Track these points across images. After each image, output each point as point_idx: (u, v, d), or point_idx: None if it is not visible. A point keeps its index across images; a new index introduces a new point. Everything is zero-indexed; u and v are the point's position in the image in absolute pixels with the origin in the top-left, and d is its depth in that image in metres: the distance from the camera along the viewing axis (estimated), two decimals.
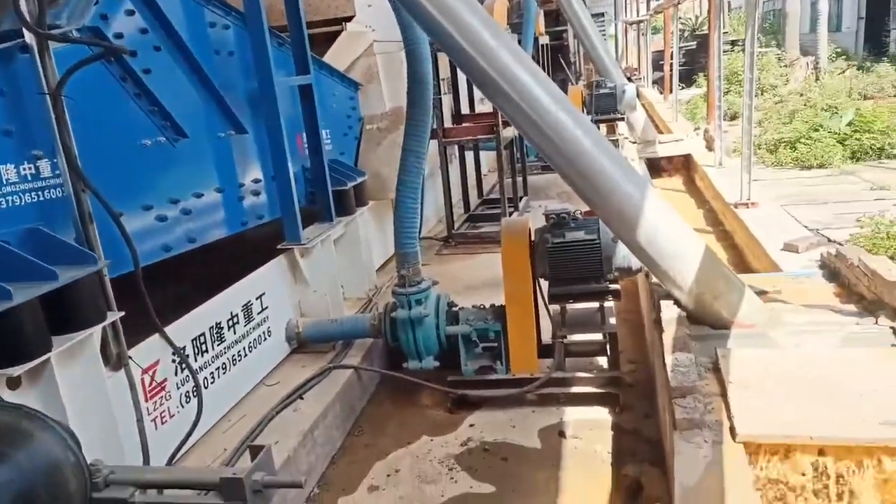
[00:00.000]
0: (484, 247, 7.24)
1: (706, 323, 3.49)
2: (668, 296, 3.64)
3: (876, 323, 3.18)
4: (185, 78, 3.77)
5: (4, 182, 2.59)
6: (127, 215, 3.10)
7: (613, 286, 3.99)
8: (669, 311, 3.55)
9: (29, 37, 2.60)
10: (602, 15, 28.35)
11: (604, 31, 26.43)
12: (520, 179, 8.79)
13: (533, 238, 4.09)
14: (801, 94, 14.36)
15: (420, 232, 5.49)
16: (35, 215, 2.73)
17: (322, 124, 5.02)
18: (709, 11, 12.12)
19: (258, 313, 4.25)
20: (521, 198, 8.61)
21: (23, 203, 2.67)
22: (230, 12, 4.20)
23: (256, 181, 4.46)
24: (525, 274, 4.07)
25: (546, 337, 4.32)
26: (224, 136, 4.11)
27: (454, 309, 4.45)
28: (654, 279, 3.83)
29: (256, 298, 4.24)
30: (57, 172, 2.78)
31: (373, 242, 6.05)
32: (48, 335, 2.46)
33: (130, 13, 3.36)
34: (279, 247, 4.60)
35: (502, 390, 4.23)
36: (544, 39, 10.60)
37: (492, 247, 7.25)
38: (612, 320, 4.17)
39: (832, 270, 4.02)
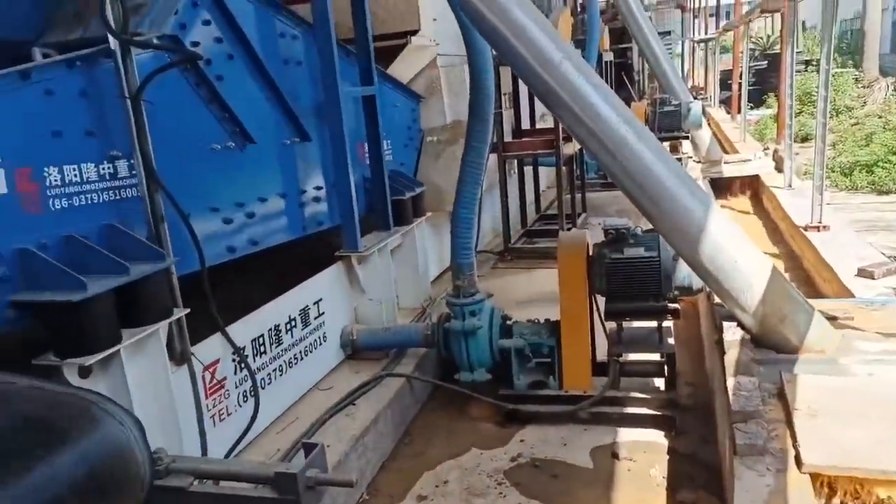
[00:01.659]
0: (540, 262, 7.17)
1: (771, 346, 3.34)
2: (731, 317, 3.52)
3: None
4: (255, 86, 3.90)
5: (85, 180, 2.74)
6: (195, 216, 3.21)
7: (673, 305, 3.89)
8: (732, 333, 3.43)
9: (113, 42, 2.74)
10: (668, 33, 27.88)
11: (670, 49, 26.00)
12: (578, 196, 8.70)
13: (590, 253, 4.03)
14: (880, 117, 13.75)
15: (476, 245, 5.48)
16: (111, 213, 2.86)
17: (383, 134, 5.10)
18: (781, 30, 11.76)
19: (315, 318, 4.33)
20: (579, 214, 8.51)
21: (101, 201, 2.81)
22: (300, 24, 4.33)
23: (318, 188, 4.56)
24: (581, 289, 4.01)
25: (601, 354, 4.23)
26: (289, 143, 4.23)
27: (508, 322, 4.41)
28: (716, 299, 3.71)
29: (314, 303, 4.32)
30: (133, 173, 2.92)
31: (429, 254, 6.08)
32: (119, 328, 2.57)
33: (207, 23, 3.50)
34: (337, 253, 4.68)
35: (554, 406, 4.16)
36: (608, 56, 10.51)
37: (548, 262, 7.15)
38: (671, 340, 4.06)
39: None
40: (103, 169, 2.82)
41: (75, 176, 2.67)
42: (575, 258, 4.02)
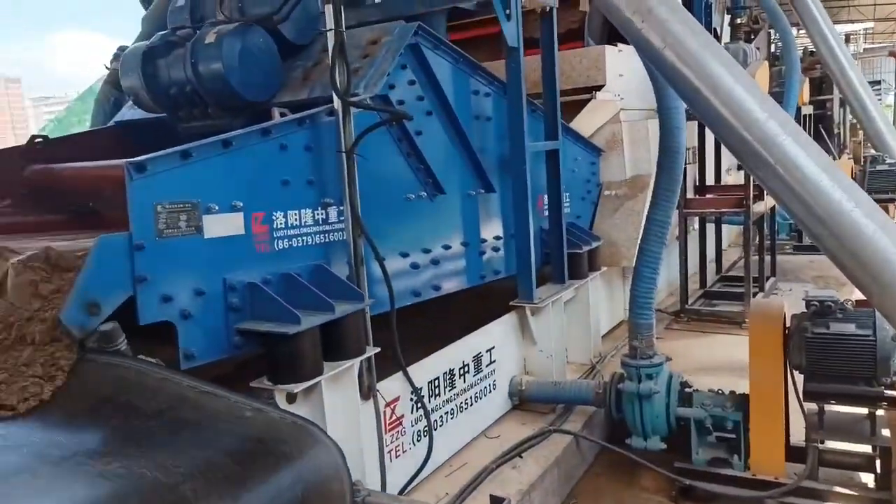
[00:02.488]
0: (720, 326, 6.71)
1: None
2: None
3: None
4: (449, 140, 4.13)
5: (302, 224, 3.06)
6: (388, 261, 3.43)
7: (890, 392, 3.43)
8: None
9: (337, 102, 3.07)
10: (878, 83, 25.29)
11: (880, 100, 23.55)
12: (768, 258, 8.04)
13: (788, 325, 3.70)
14: None
15: None
16: (320, 254, 3.16)
17: (563, 187, 5.13)
18: None
19: (487, 365, 4.39)
20: (767, 278, 7.86)
21: (313, 243, 3.12)
22: (492, 82, 4.54)
23: (497, 238, 4.67)
24: (776, 363, 3.68)
25: (795, 438, 3.83)
26: (474, 194, 4.40)
27: (688, 389, 4.16)
28: None
29: (486, 351, 4.39)
30: (341, 219, 3.21)
31: (600, 309, 5.94)
32: (321, 361, 2.80)
33: (412, 83, 3.80)
34: (512, 303, 4.73)
35: (738, 490, 3.80)
36: (807, 109, 9.76)
37: (729, 328, 6.70)
38: (885, 432, 3.57)
39: None
40: (318, 214, 3.14)
41: (296, 220, 3.01)
42: (770, 328, 3.71)
